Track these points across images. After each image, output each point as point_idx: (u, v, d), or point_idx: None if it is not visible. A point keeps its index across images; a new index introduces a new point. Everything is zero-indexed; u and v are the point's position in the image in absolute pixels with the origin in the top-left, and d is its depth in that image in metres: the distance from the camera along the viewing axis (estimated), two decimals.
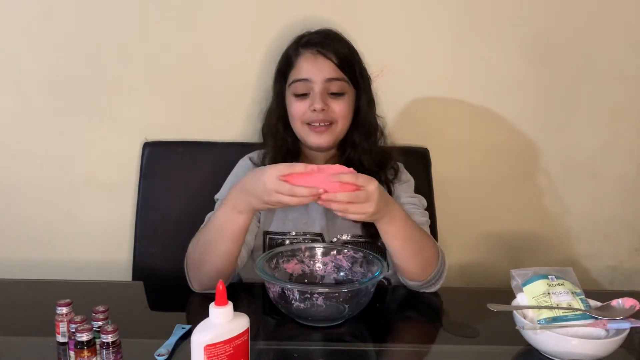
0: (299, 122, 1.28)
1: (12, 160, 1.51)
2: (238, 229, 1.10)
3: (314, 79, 1.25)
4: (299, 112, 1.27)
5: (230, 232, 1.10)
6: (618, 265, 1.69)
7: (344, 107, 1.27)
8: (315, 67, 1.26)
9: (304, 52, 1.28)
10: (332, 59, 1.27)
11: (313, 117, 1.25)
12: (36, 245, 1.55)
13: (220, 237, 1.11)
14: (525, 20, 1.52)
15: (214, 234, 1.12)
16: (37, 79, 1.47)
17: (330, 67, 1.26)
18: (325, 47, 1.27)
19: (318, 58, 1.27)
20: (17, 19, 1.44)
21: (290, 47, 1.32)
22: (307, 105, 1.26)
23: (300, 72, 1.27)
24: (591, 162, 1.62)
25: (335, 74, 1.26)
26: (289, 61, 1.31)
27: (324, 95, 1.25)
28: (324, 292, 1.03)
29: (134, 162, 1.51)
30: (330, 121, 1.26)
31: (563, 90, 1.57)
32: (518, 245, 1.64)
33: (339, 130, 1.28)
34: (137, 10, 1.45)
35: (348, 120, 1.30)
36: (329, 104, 1.25)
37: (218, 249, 1.11)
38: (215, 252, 1.11)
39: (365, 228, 1.27)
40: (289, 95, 1.29)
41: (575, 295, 0.99)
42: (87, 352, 0.85)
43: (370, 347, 1.05)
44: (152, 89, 1.50)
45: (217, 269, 1.12)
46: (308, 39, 1.30)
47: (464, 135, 1.59)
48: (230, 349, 0.81)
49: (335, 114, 1.26)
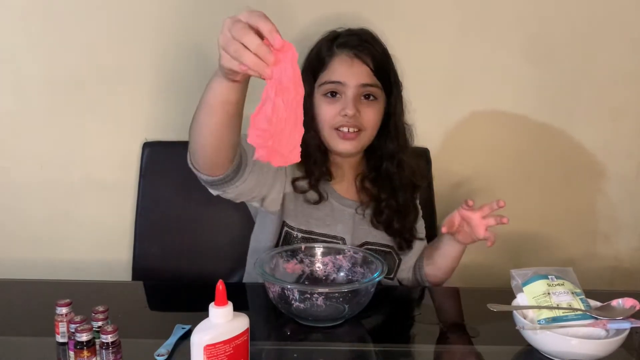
0: (327, 126, 1.23)
1: (12, 161, 1.51)
2: (220, 94, 0.94)
3: (348, 83, 1.21)
4: (329, 116, 1.22)
5: (214, 99, 0.95)
6: (618, 265, 1.69)
7: (375, 114, 1.24)
8: (351, 71, 1.21)
9: (339, 53, 1.23)
10: (369, 64, 1.22)
11: (343, 122, 1.21)
12: (36, 245, 1.55)
13: (207, 108, 0.97)
14: (525, 20, 1.52)
15: (202, 109, 0.98)
16: (37, 79, 1.47)
17: (366, 72, 1.22)
18: (363, 51, 1.22)
19: (354, 62, 1.22)
20: (17, 19, 1.44)
21: (323, 45, 1.26)
22: (337, 109, 1.21)
23: (334, 74, 1.22)
24: (591, 162, 1.62)
25: (370, 80, 1.22)
26: (321, 60, 1.25)
27: (356, 101, 1.21)
28: (324, 292, 1.03)
29: (133, 162, 1.51)
30: (360, 128, 1.22)
31: (563, 90, 1.57)
32: (518, 245, 1.64)
33: (367, 137, 1.25)
34: (137, 10, 1.45)
35: (376, 127, 1.26)
36: (360, 110, 1.22)
37: (209, 122, 0.98)
38: (207, 125, 0.99)
39: (397, 239, 1.30)
40: (318, 96, 1.24)
41: (575, 295, 0.99)
42: (86, 352, 0.85)
43: (370, 347, 1.05)
44: (152, 89, 1.50)
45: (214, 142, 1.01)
46: (346, 40, 1.24)
47: (464, 135, 1.59)
48: (230, 349, 0.81)
49: (365, 120, 1.22)
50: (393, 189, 1.30)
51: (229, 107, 0.95)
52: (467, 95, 1.56)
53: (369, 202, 1.30)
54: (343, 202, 1.28)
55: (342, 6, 1.47)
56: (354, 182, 1.31)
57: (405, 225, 1.31)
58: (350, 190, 1.31)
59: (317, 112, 1.24)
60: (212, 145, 1.02)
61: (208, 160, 1.06)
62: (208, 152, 1.04)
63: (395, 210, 1.29)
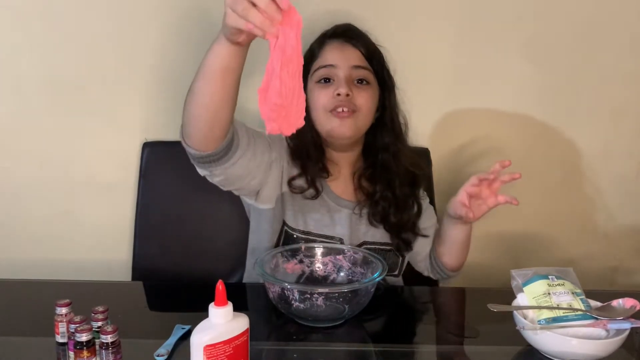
0: (322, 111, 1.22)
1: (12, 160, 1.51)
2: (220, 61, 0.96)
3: (339, 65, 1.22)
4: (324, 100, 1.21)
5: (212, 66, 0.97)
6: (618, 266, 1.69)
7: (368, 97, 1.24)
8: (342, 54, 1.24)
9: (329, 42, 1.26)
10: (360, 48, 1.24)
11: (336, 102, 1.20)
12: (36, 245, 1.55)
13: (206, 76, 0.99)
14: (525, 20, 1.52)
15: (200, 76, 1.00)
16: (37, 79, 1.47)
17: (357, 54, 1.24)
18: (354, 37, 1.26)
19: (345, 46, 1.25)
20: (17, 19, 1.44)
21: (314, 42, 1.29)
22: (330, 92, 1.21)
23: (325, 59, 1.24)
24: (591, 162, 1.62)
25: (362, 62, 1.24)
26: (312, 54, 1.27)
27: (349, 81, 1.21)
28: (324, 292, 1.03)
29: (133, 162, 1.51)
30: (354, 109, 1.21)
31: (563, 90, 1.57)
32: (518, 245, 1.64)
33: (361, 119, 1.23)
34: (137, 10, 1.45)
35: (371, 113, 1.26)
36: (354, 92, 1.21)
37: (206, 89, 1.00)
38: (204, 93, 1.00)
39: (394, 238, 1.28)
40: (312, 85, 1.24)
41: (575, 295, 0.99)
42: (86, 353, 0.85)
43: (370, 347, 1.05)
44: (151, 89, 1.50)
45: (209, 112, 1.02)
46: (334, 30, 1.28)
47: (464, 135, 1.59)
48: (230, 349, 0.81)
49: (359, 102, 1.22)
50: (389, 181, 1.28)
51: (227, 75, 0.97)
52: (467, 95, 1.56)
53: (366, 201, 1.29)
54: (340, 202, 1.28)
55: (341, 5, 1.47)
56: (351, 180, 1.31)
57: (402, 219, 1.28)
58: (347, 189, 1.30)
59: (311, 102, 1.23)
60: (207, 115, 1.02)
61: (201, 133, 1.05)
62: (202, 123, 1.03)
63: (391, 202, 1.27)
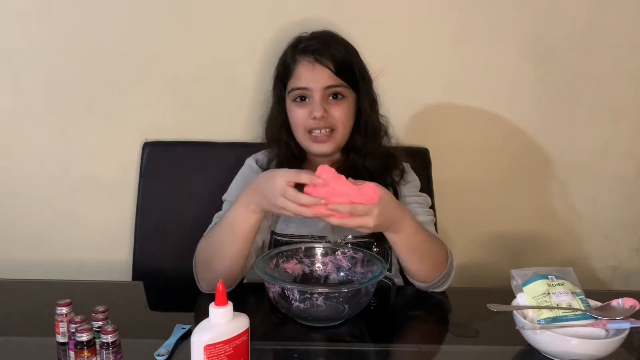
0: (301, 130, 1.28)
1: (12, 160, 1.51)
2: (249, 228, 1.11)
3: (312, 87, 1.25)
4: (301, 119, 1.27)
5: (241, 230, 1.11)
6: (618, 265, 1.69)
7: (344, 112, 1.27)
8: (313, 75, 1.26)
9: (301, 59, 1.28)
10: (330, 66, 1.26)
11: (314, 125, 1.25)
12: (36, 245, 1.55)
13: (231, 236, 1.12)
14: (525, 20, 1.52)
15: (225, 233, 1.13)
16: (37, 79, 1.47)
17: (327, 75, 1.26)
18: (323, 54, 1.26)
19: (315, 66, 1.26)
20: (17, 19, 1.44)
21: (288, 53, 1.31)
22: (307, 112, 1.26)
23: (299, 81, 1.27)
24: (591, 162, 1.62)
25: (333, 81, 1.26)
26: (287, 68, 1.30)
27: (323, 102, 1.25)
28: (324, 292, 1.03)
29: (133, 162, 1.51)
30: (331, 127, 1.26)
31: (563, 90, 1.57)
32: (518, 245, 1.64)
33: (339, 136, 1.28)
34: (137, 10, 1.45)
35: (349, 125, 1.30)
36: (329, 110, 1.25)
37: (229, 248, 1.12)
38: (226, 251, 1.12)
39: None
40: (289, 103, 1.29)
41: (575, 295, 0.99)
42: (87, 352, 0.85)
43: (370, 347, 1.05)
44: (151, 89, 1.50)
45: (227, 269, 1.12)
46: (305, 46, 1.29)
47: (464, 135, 1.59)
48: (230, 349, 0.81)
49: (335, 119, 1.26)
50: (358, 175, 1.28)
51: (251, 234, 1.12)
52: (466, 95, 1.56)
53: None
54: None
55: (337, 7, 1.47)
56: None
57: None
58: None
59: (291, 119, 1.30)
60: (231, 272, 1.14)
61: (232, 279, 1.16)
62: (233, 275, 1.15)
63: None
